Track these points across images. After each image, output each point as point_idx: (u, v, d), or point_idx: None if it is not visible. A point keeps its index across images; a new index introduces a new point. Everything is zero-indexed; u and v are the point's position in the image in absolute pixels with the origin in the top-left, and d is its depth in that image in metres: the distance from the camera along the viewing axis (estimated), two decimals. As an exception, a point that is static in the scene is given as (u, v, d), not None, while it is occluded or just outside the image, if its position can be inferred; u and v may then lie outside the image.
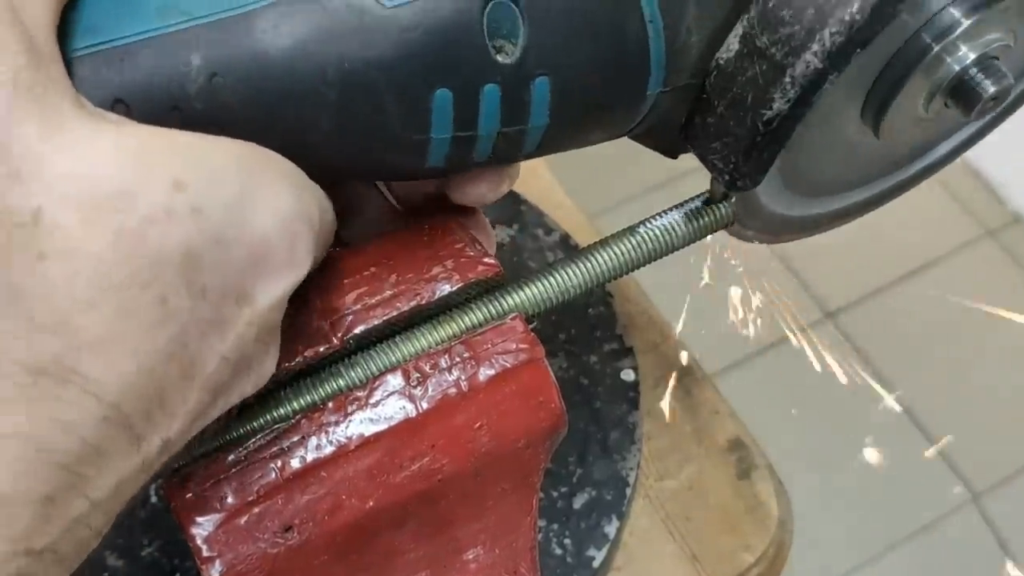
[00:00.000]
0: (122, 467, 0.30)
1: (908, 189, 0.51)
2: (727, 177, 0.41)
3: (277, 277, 0.33)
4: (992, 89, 0.41)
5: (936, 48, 0.41)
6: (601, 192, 1.47)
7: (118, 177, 0.29)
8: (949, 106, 0.43)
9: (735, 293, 0.56)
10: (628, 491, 0.60)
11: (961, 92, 0.42)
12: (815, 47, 0.37)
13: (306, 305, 0.39)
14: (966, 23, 0.40)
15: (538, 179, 0.75)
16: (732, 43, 0.39)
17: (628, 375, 0.65)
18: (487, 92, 0.36)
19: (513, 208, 0.72)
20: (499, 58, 0.36)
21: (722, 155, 0.41)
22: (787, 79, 0.38)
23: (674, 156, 0.45)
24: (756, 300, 0.59)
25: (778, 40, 0.38)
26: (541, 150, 0.40)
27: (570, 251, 0.67)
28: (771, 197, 0.46)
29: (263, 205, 0.32)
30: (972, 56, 0.41)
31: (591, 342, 0.66)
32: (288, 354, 0.38)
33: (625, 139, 0.43)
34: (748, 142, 0.39)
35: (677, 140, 0.43)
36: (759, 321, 0.61)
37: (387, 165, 0.38)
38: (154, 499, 0.57)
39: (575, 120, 0.39)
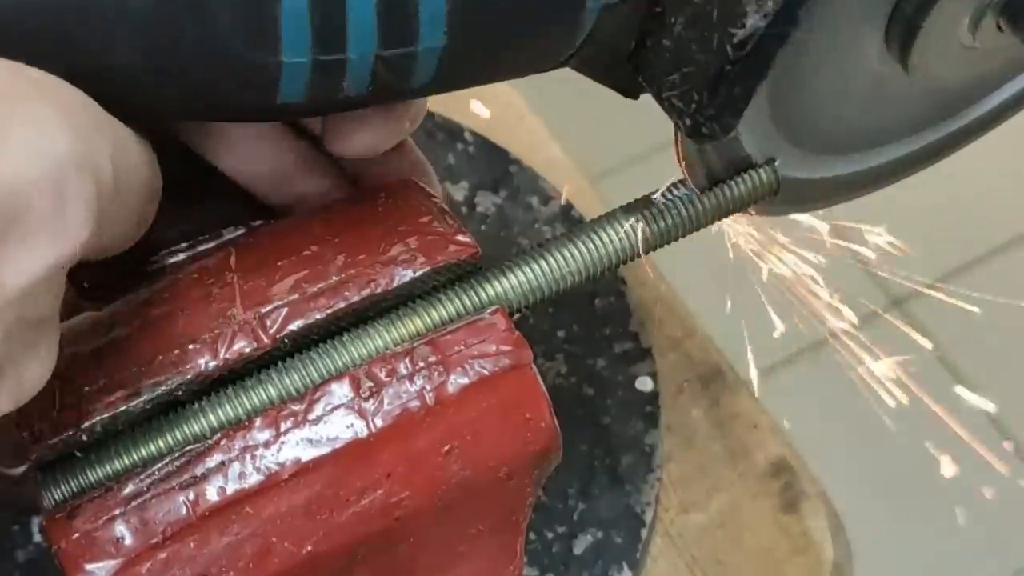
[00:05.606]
0: None
1: (970, 141, 0.50)
2: (688, 121, 0.39)
3: (37, 246, 0.31)
4: None
5: None
6: (606, 147, 1.46)
7: None
8: (1004, 30, 0.41)
9: (778, 276, 0.56)
10: (643, 532, 0.60)
11: (1018, 10, 0.40)
12: None
13: (226, 292, 0.39)
14: None
15: (525, 129, 0.74)
16: None
17: (645, 384, 0.65)
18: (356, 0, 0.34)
19: (500, 169, 0.71)
20: None
21: (681, 90, 0.38)
22: None
23: (634, 96, 0.43)
24: (806, 284, 0.59)
25: None
26: (442, 82, 0.38)
27: (572, 225, 0.66)
28: (768, 152, 0.44)
29: (20, 145, 0.30)
30: None
31: (598, 342, 0.66)
32: (202, 355, 0.38)
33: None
34: (715, 72, 0.37)
35: (632, 73, 0.41)
36: (809, 311, 0.61)
37: (224, 100, 0.36)
38: (38, 537, 0.57)
39: (484, 42, 0.38)
